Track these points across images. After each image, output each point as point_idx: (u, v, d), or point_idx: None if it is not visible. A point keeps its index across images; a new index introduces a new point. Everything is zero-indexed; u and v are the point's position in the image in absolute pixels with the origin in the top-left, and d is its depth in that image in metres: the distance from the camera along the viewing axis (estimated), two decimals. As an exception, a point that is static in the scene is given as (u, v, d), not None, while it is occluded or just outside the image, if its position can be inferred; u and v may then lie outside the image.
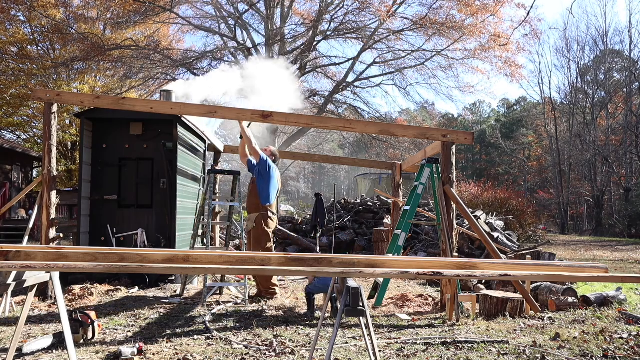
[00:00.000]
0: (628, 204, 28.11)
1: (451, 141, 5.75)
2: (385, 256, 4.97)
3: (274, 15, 20.84)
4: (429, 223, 8.79)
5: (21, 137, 23.72)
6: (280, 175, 6.60)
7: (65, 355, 3.50)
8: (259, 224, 6.04)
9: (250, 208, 6.15)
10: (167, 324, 4.69)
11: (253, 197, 6.13)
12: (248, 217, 6.20)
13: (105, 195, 7.32)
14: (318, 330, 3.24)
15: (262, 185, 6.05)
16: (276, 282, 6.21)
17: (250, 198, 6.17)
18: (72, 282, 6.37)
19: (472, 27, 18.47)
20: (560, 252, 13.28)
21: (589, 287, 6.81)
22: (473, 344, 3.96)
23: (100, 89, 22.19)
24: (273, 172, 6.17)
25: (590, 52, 35.47)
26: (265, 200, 6.05)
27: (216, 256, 3.10)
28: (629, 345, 3.89)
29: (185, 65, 20.30)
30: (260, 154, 6.07)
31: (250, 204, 6.16)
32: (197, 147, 8.48)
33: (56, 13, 19.47)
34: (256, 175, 6.12)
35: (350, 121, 6.29)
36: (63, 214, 17.62)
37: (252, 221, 6.07)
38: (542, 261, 5.80)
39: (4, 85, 20.36)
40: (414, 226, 10.63)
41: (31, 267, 2.79)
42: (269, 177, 6.10)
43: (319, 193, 11.48)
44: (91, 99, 6.33)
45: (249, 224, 6.13)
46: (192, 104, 6.72)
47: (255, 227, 6.05)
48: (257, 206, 6.08)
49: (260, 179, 6.07)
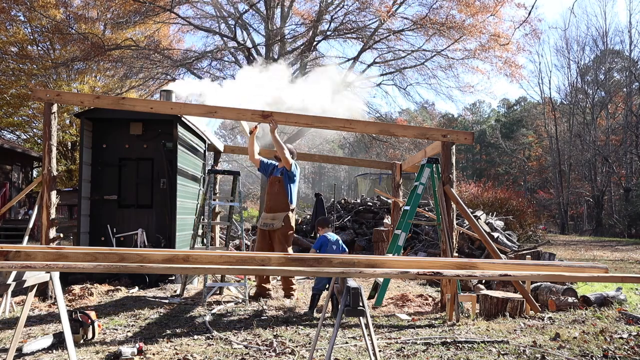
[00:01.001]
0: (628, 204, 28.11)
1: (451, 141, 5.75)
2: (385, 256, 4.97)
3: (274, 15, 20.84)
4: (429, 223, 8.79)
5: (21, 137, 23.72)
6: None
7: (65, 355, 3.50)
8: (287, 222, 6.20)
9: (277, 207, 6.24)
10: (167, 324, 4.69)
11: (282, 197, 6.25)
12: (272, 216, 6.23)
13: (105, 195, 7.32)
14: (318, 330, 3.24)
15: (291, 188, 6.31)
16: (295, 282, 6.33)
17: (279, 197, 6.26)
18: (72, 282, 6.37)
19: (472, 27, 18.47)
20: (560, 252, 13.28)
21: (589, 287, 6.81)
22: (473, 344, 3.96)
23: (100, 89, 22.19)
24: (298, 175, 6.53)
25: (590, 52, 35.53)
26: (292, 201, 6.33)
27: (216, 256, 3.10)
28: (629, 345, 3.89)
29: (185, 65, 20.30)
30: (291, 163, 6.22)
31: (279, 203, 6.24)
32: (197, 147, 8.48)
33: (56, 13, 19.46)
34: (285, 179, 6.28)
35: (350, 121, 6.28)
36: (63, 214, 17.62)
37: (280, 220, 6.18)
38: (542, 261, 5.80)
39: (4, 85, 20.36)
40: (414, 226, 10.63)
41: (31, 267, 2.79)
42: (296, 181, 6.41)
43: (319, 193, 11.50)
44: (91, 99, 6.33)
45: (275, 222, 6.18)
46: (192, 104, 6.72)
47: (283, 226, 6.17)
48: (286, 206, 6.23)
49: (291, 182, 6.31)
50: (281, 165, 6.32)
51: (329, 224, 5.86)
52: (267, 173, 6.51)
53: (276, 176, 6.34)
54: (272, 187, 6.35)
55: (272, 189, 6.34)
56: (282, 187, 6.26)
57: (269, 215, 6.26)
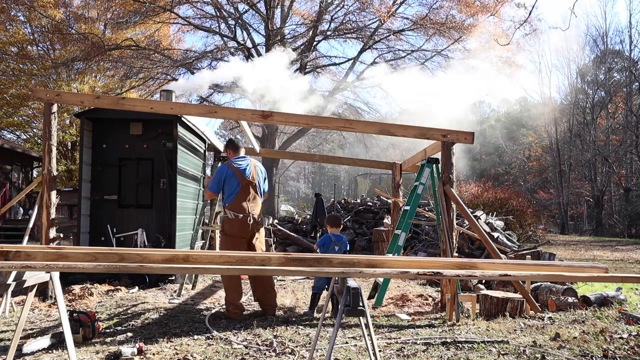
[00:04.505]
0: (628, 204, 28.10)
1: (451, 141, 5.75)
2: (385, 256, 4.97)
3: (274, 15, 20.85)
4: (429, 223, 8.79)
5: (21, 137, 23.73)
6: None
7: (65, 355, 3.50)
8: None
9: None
10: (167, 324, 4.69)
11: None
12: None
13: (105, 195, 7.32)
14: (318, 330, 3.24)
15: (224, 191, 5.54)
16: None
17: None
18: (72, 282, 6.37)
19: (472, 27, 18.48)
20: (560, 252, 13.28)
21: (589, 287, 6.81)
22: (473, 344, 3.96)
23: (100, 89, 22.19)
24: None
25: (590, 52, 35.51)
26: (226, 202, 5.55)
27: (216, 256, 3.11)
28: (629, 345, 3.89)
29: (185, 65, 20.31)
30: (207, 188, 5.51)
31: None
32: (197, 147, 8.48)
33: (56, 13, 19.47)
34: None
35: (350, 121, 6.28)
36: (63, 214, 17.65)
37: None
38: (542, 261, 5.80)
39: (4, 85, 20.37)
40: (414, 226, 10.63)
41: (31, 267, 2.79)
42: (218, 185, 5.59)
43: (319, 193, 11.52)
44: (91, 99, 6.34)
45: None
46: (192, 104, 6.73)
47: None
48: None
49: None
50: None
51: (338, 225, 5.56)
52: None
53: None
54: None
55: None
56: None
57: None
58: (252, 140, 9.73)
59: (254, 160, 5.45)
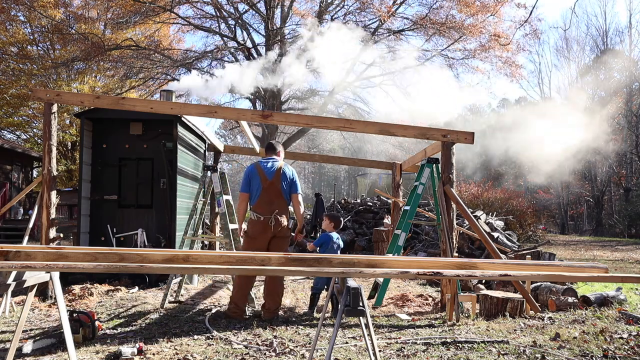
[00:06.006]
0: (628, 204, 28.09)
1: (451, 141, 5.75)
2: (385, 256, 4.97)
3: (274, 15, 20.84)
4: (429, 223, 8.79)
5: (21, 137, 23.72)
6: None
7: (65, 355, 3.50)
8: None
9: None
10: (167, 324, 4.69)
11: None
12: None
13: (105, 195, 7.32)
14: (318, 330, 3.24)
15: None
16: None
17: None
18: (72, 282, 6.37)
19: (472, 27, 18.47)
20: (560, 252, 13.28)
21: (589, 287, 6.81)
22: (473, 344, 3.96)
23: (100, 89, 22.18)
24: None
25: (590, 52, 35.51)
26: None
27: (216, 256, 3.10)
28: (629, 345, 3.89)
29: (185, 65, 20.29)
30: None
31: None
32: (197, 147, 8.47)
33: (56, 13, 19.46)
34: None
35: (350, 121, 6.28)
36: (63, 214, 17.65)
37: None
38: (542, 261, 5.80)
39: (4, 85, 20.35)
40: (414, 226, 10.63)
41: (31, 267, 2.79)
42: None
43: (319, 193, 11.52)
44: (91, 99, 6.34)
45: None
46: (192, 104, 6.73)
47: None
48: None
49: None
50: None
51: (338, 225, 5.56)
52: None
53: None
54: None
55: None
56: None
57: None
58: (252, 140, 9.72)
59: (282, 162, 5.33)
